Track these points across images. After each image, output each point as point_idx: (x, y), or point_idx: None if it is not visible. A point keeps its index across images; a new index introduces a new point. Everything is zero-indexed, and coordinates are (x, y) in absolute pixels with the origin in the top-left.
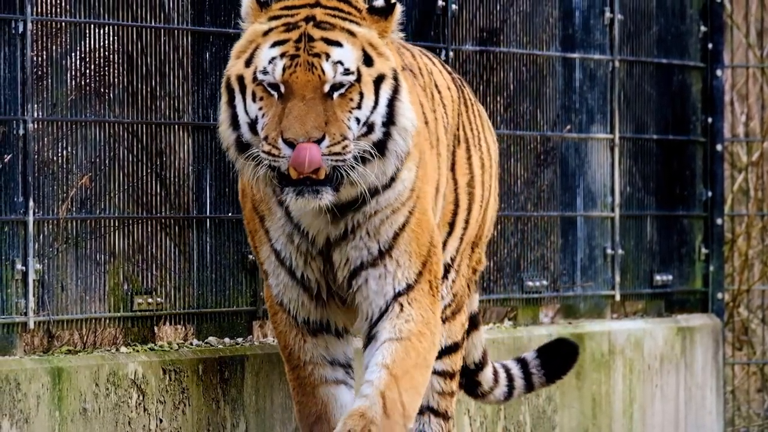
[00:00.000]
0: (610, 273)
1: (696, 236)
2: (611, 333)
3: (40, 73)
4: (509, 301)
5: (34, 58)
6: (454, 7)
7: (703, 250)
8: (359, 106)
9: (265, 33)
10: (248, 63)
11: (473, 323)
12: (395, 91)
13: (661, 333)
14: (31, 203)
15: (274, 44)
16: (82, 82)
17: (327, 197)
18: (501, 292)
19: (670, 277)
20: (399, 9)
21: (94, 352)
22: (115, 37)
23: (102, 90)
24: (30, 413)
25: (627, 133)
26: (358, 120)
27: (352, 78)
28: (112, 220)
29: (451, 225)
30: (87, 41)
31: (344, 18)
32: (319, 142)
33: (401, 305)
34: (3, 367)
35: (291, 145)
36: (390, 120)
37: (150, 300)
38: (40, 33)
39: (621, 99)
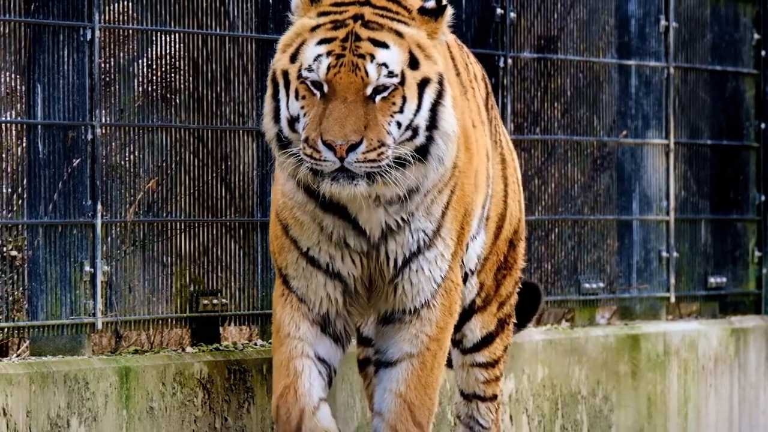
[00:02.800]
0: (666, 275)
1: (749, 239)
2: (666, 334)
3: (107, 79)
4: (566, 303)
5: (102, 65)
6: (512, 15)
7: (757, 253)
8: (401, 110)
9: (313, 28)
10: (293, 58)
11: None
12: (439, 95)
13: (715, 334)
14: (99, 206)
15: (321, 42)
16: (149, 88)
17: (362, 185)
18: (558, 293)
19: (724, 280)
20: (450, 11)
21: (161, 352)
22: (181, 44)
23: (168, 96)
24: (98, 412)
25: (682, 139)
26: (399, 124)
27: (395, 81)
28: (178, 223)
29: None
30: (154, 48)
31: (393, 18)
32: (356, 146)
33: (434, 302)
34: (72, 366)
35: (330, 147)
36: (433, 124)
37: (215, 301)
38: (107, 40)
39: (676, 105)
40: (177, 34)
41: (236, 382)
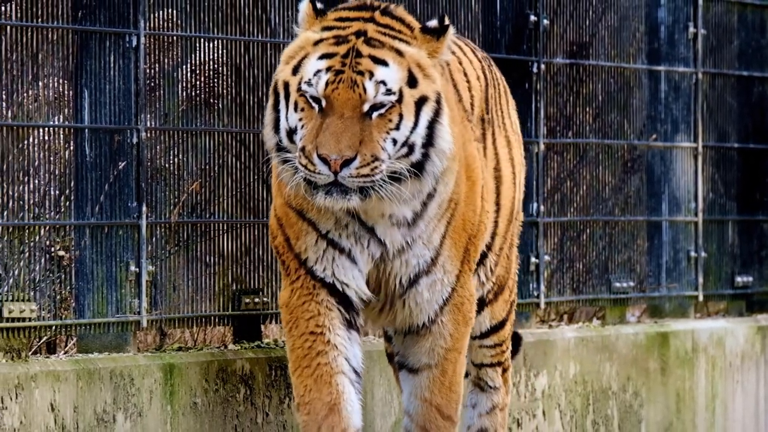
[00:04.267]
0: (694, 275)
1: None
2: (695, 332)
3: (152, 84)
4: (598, 302)
5: (147, 71)
6: (545, 22)
7: None
8: (397, 127)
9: (316, 42)
10: (295, 71)
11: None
12: (436, 113)
13: (741, 332)
14: (144, 208)
15: (322, 56)
16: (193, 93)
17: (355, 199)
18: (590, 292)
19: (751, 279)
20: (451, 31)
21: (204, 349)
22: (224, 51)
23: (211, 100)
24: (143, 407)
25: (710, 142)
26: (395, 141)
27: (393, 98)
28: (220, 224)
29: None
30: (197, 54)
31: (394, 36)
32: (350, 161)
33: (442, 320)
34: (117, 363)
35: (325, 161)
36: (429, 142)
37: (257, 299)
38: (152, 47)
39: (704, 109)
40: (220, 41)
41: (277, 379)
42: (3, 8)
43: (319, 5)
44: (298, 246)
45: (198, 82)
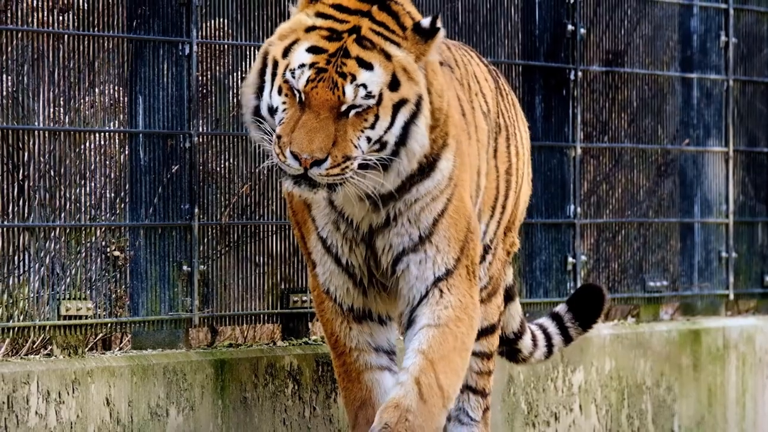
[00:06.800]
0: (725, 274)
1: None
2: (726, 329)
3: (204, 91)
4: (632, 300)
5: (199, 78)
6: (582, 31)
7: None
8: (372, 127)
9: (308, 29)
10: (285, 53)
11: (509, 295)
12: (414, 115)
13: None
14: (196, 210)
15: (310, 49)
16: None
17: (322, 192)
18: (625, 291)
19: None
20: (442, 33)
21: (254, 346)
22: None
23: None
24: (195, 402)
25: (740, 147)
26: (369, 139)
27: (371, 102)
28: (270, 225)
29: (492, 209)
30: (248, 62)
31: (387, 38)
32: (321, 162)
33: (441, 291)
34: (170, 359)
35: (296, 157)
36: (402, 141)
37: (305, 298)
38: (204, 55)
39: (735, 115)
40: None
41: (324, 374)
42: (61, 18)
43: None
44: (313, 253)
45: None
